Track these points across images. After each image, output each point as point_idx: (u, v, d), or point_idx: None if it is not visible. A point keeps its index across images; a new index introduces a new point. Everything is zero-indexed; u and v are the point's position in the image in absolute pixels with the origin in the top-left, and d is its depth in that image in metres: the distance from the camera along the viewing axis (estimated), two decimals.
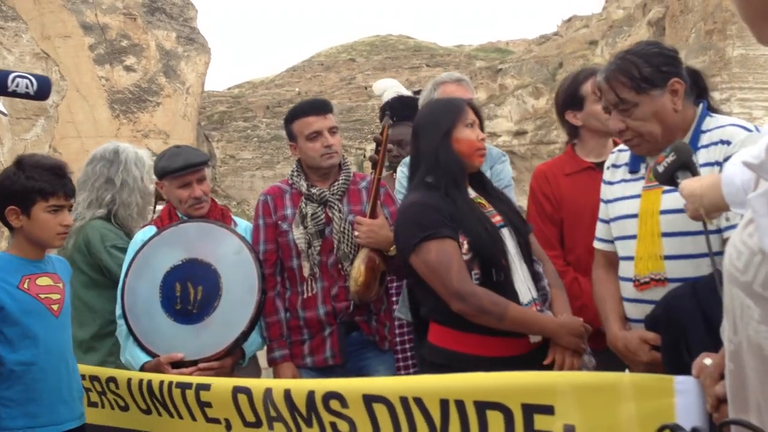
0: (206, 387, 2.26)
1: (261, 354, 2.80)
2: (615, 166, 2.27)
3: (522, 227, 2.31)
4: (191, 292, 2.55)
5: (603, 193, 2.29)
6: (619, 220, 2.18)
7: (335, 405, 2.00)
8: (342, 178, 2.75)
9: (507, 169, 3.04)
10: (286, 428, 2.10)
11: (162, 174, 2.77)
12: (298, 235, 2.64)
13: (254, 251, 2.61)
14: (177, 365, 2.50)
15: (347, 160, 2.92)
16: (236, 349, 2.57)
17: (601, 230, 2.29)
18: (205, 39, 23.05)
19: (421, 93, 3.27)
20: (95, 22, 20.65)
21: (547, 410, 1.70)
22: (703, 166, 1.97)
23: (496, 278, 2.13)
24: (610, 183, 2.26)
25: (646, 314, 2.04)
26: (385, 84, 4.16)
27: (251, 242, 2.66)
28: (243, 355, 2.64)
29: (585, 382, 1.76)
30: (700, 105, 2.09)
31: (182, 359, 2.51)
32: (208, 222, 2.72)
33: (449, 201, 2.17)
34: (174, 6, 22.71)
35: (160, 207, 3.14)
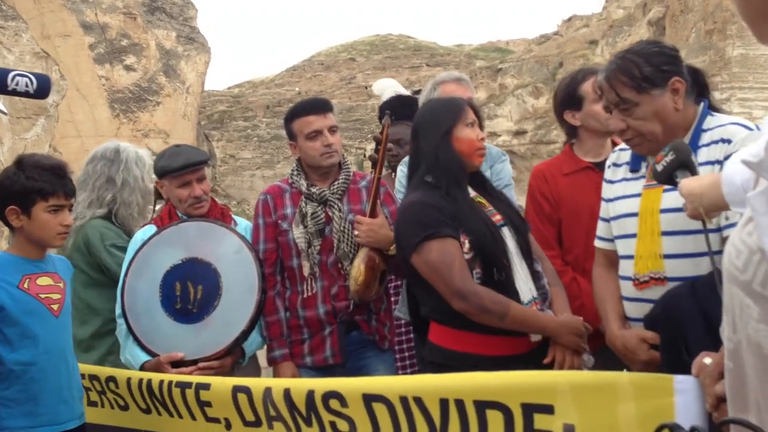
0: (206, 386, 2.27)
1: (261, 353, 2.80)
2: (616, 165, 2.26)
3: (521, 226, 2.31)
4: (191, 292, 2.55)
5: (604, 192, 2.28)
6: (620, 219, 2.18)
7: (335, 404, 2.00)
8: (342, 178, 2.75)
9: (507, 169, 3.04)
10: (286, 427, 2.10)
11: (162, 173, 2.77)
12: (298, 235, 2.64)
13: (254, 250, 2.61)
14: (177, 364, 2.50)
15: (347, 160, 2.92)
16: (236, 349, 2.57)
17: (602, 229, 2.28)
18: (205, 38, 23.04)
19: (421, 92, 3.27)
20: (95, 22, 20.63)
21: (547, 410, 1.70)
22: (704, 165, 1.97)
23: (497, 277, 2.13)
24: (611, 182, 2.25)
25: (646, 313, 2.04)
26: (384, 84, 4.16)
27: (251, 241, 2.66)
28: (243, 355, 2.64)
29: (585, 382, 1.76)
30: (701, 104, 2.08)
31: (182, 358, 2.51)
32: (208, 221, 2.72)
33: (450, 200, 2.16)
34: (174, 5, 22.70)
35: (158, 206, 3.14)
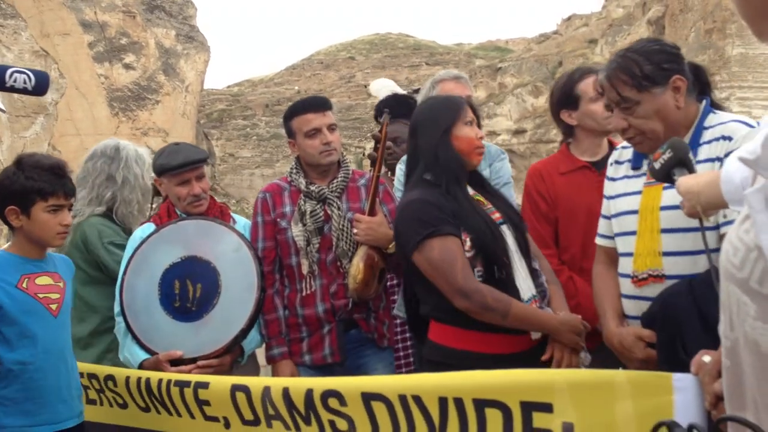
0: (204, 385, 2.26)
1: (260, 351, 2.80)
2: (618, 163, 2.26)
3: (520, 224, 2.31)
4: (190, 290, 2.55)
5: (606, 189, 2.28)
6: (620, 216, 2.17)
7: (334, 403, 2.00)
8: (341, 176, 2.75)
9: (506, 167, 3.04)
10: (285, 426, 2.09)
11: (161, 171, 2.76)
12: (297, 233, 2.64)
13: (253, 249, 2.61)
14: (176, 363, 2.50)
15: (346, 158, 2.92)
16: (235, 347, 2.57)
17: (603, 226, 2.28)
18: (205, 37, 22.98)
19: (420, 91, 3.27)
20: (94, 20, 20.59)
21: (546, 408, 1.70)
22: (705, 162, 1.96)
23: (498, 275, 2.13)
24: (613, 179, 2.25)
25: (643, 311, 2.04)
26: (380, 84, 4.19)
27: (250, 240, 2.66)
28: (242, 353, 2.64)
29: (582, 380, 1.76)
30: (703, 101, 2.08)
31: (181, 357, 2.51)
32: (207, 219, 2.71)
33: (450, 198, 2.16)
34: (173, 4, 22.66)
35: (156, 204, 3.14)
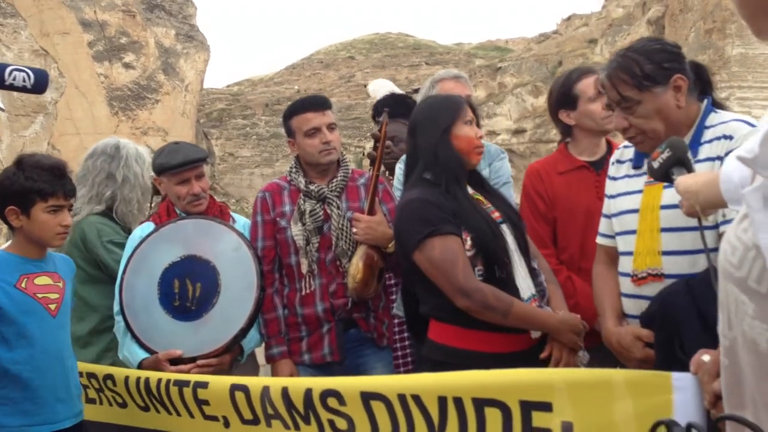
0: (204, 385, 2.26)
1: (259, 351, 2.80)
2: (619, 162, 2.26)
3: (519, 223, 2.31)
4: (190, 289, 2.55)
5: (607, 189, 2.28)
6: (621, 215, 2.18)
7: (333, 403, 1.99)
8: (340, 175, 2.75)
9: (506, 166, 3.04)
10: (284, 426, 2.09)
11: (160, 170, 2.76)
12: (297, 232, 2.64)
13: (253, 248, 2.61)
14: (175, 362, 2.50)
15: (346, 158, 2.92)
16: (235, 346, 2.57)
17: (604, 225, 2.28)
18: (204, 36, 22.96)
19: (420, 90, 3.27)
20: (94, 19, 20.58)
21: (545, 407, 1.70)
22: (706, 161, 1.96)
23: (499, 274, 2.13)
24: (614, 178, 2.25)
25: (642, 311, 2.04)
26: (378, 84, 4.21)
27: (249, 239, 2.66)
28: (241, 352, 2.64)
29: (580, 379, 1.76)
30: (705, 101, 2.07)
31: (181, 356, 2.51)
32: (207, 219, 2.71)
33: (450, 197, 2.16)
34: (173, 3, 22.64)
35: (155, 203, 3.14)
